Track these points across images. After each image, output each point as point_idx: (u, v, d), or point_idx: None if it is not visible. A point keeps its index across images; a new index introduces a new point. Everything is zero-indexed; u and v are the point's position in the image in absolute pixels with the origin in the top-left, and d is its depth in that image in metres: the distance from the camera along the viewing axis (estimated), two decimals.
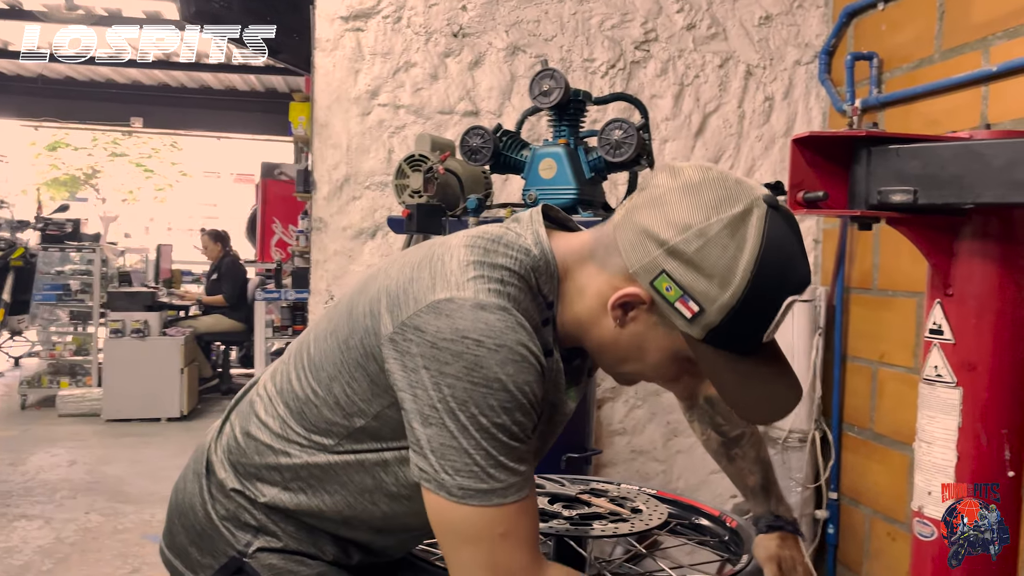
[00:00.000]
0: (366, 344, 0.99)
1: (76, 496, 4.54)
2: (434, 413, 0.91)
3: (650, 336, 0.98)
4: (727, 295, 0.90)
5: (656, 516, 1.45)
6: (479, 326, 0.91)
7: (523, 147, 2.40)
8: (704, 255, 0.90)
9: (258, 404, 1.15)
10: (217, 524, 1.14)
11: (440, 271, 0.97)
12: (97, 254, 6.98)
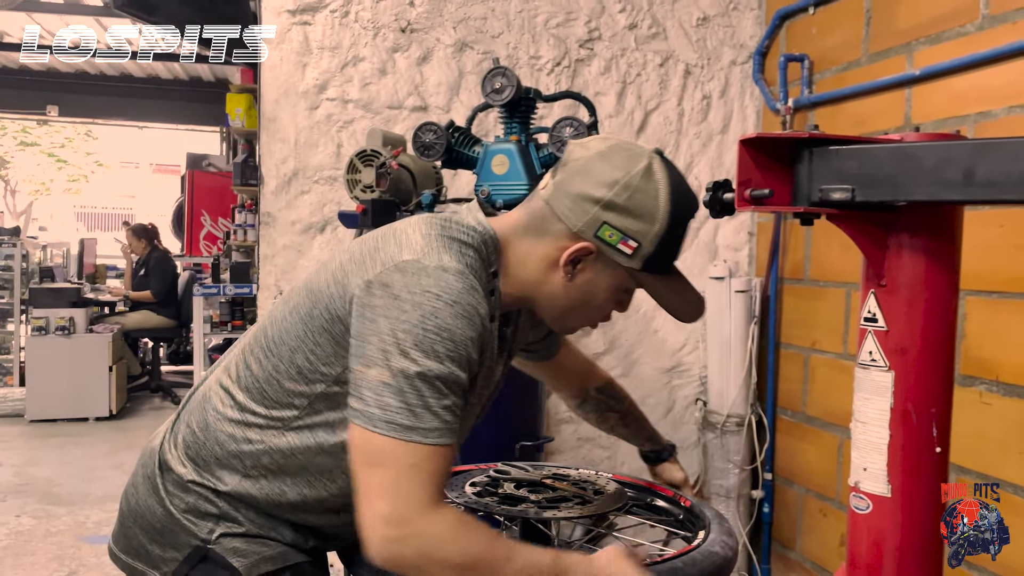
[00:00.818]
0: (331, 309, 1.09)
1: (5, 499, 4.39)
2: (381, 356, 1.01)
3: (597, 280, 1.17)
4: (656, 227, 1.14)
5: (617, 498, 1.52)
6: (440, 283, 1.03)
7: (475, 143, 2.45)
8: (633, 202, 1.13)
9: (214, 398, 1.20)
10: (178, 518, 1.18)
11: (405, 241, 1.09)
12: (18, 248, 6.71)
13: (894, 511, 1.57)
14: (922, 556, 1.57)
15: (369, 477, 1.02)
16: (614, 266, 1.16)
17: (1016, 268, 2.10)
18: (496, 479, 1.60)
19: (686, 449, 3.19)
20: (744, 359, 2.98)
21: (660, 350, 3.15)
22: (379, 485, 1.01)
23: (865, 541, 1.62)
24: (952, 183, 1.42)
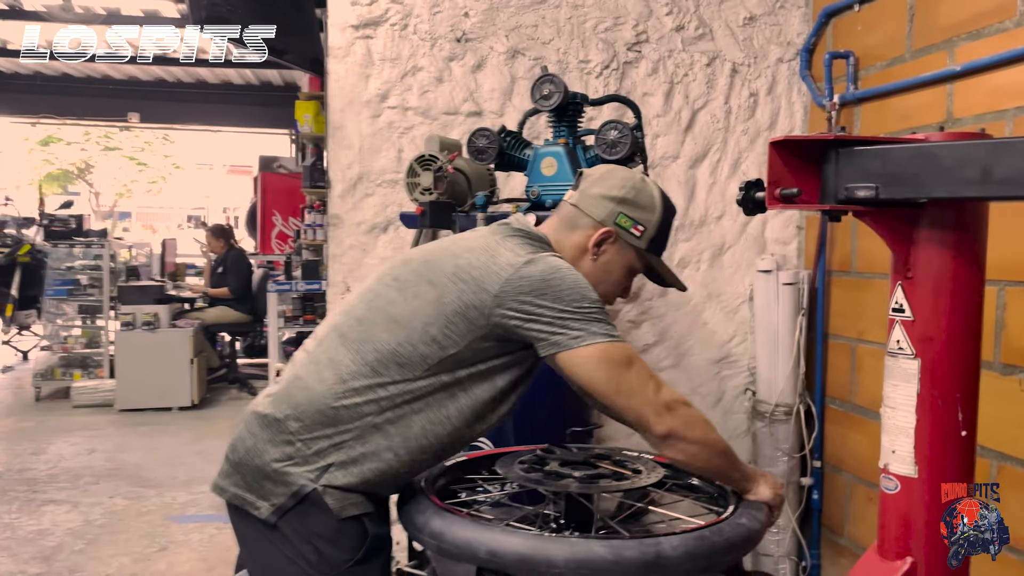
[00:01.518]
0: (465, 299, 1.44)
1: (99, 482, 4.74)
2: (564, 314, 1.40)
3: (615, 259, 1.58)
4: (656, 215, 1.58)
5: (654, 475, 1.65)
6: (556, 264, 1.45)
7: (525, 146, 2.60)
8: (640, 197, 1.57)
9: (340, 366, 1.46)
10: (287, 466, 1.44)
11: (510, 250, 1.48)
12: (106, 249, 7.15)
13: (921, 491, 1.67)
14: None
15: (628, 380, 1.41)
16: (627, 247, 1.57)
17: None
18: (543, 458, 1.75)
19: (736, 438, 3.28)
20: (792, 350, 3.06)
21: (709, 341, 3.25)
22: (639, 377, 1.42)
23: (894, 520, 1.72)
24: (970, 181, 1.52)
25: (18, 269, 8.01)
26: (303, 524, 1.43)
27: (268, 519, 1.43)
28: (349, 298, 1.60)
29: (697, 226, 3.22)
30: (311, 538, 1.43)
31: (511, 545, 1.36)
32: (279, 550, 1.44)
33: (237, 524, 1.53)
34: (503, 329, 1.44)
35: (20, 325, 8.66)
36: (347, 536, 1.44)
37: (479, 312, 1.43)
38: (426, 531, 1.46)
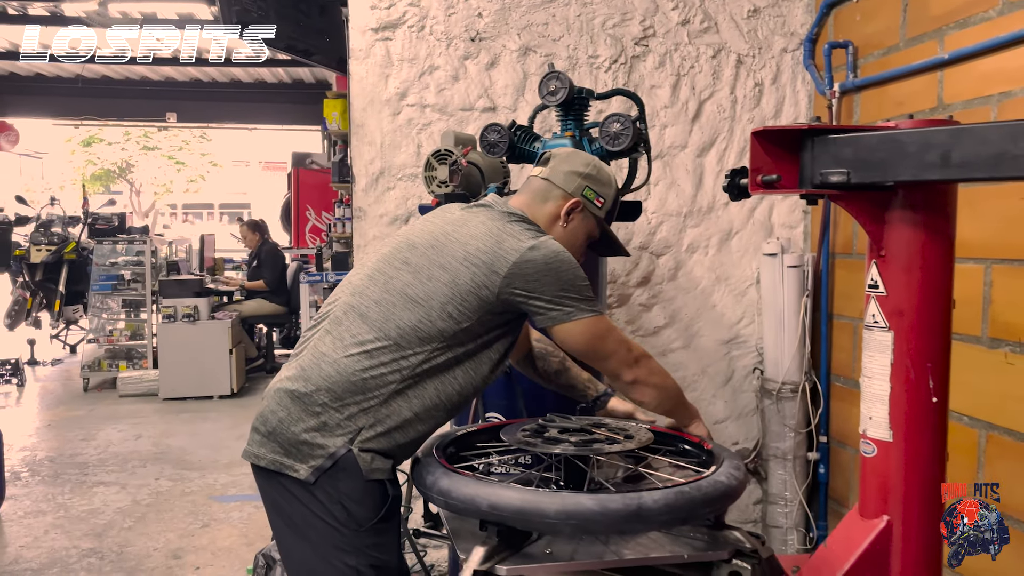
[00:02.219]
0: (477, 280, 1.65)
1: (145, 465, 5.02)
2: (560, 294, 1.66)
3: (580, 226, 1.83)
4: (613, 191, 1.86)
5: (644, 440, 1.81)
6: (555, 249, 1.68)
7: (535, 140, 2.75)
8: (600, 175, 1.85)
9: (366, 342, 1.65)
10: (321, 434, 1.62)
11: (513, 235, 1.69)
12: (148, 245, 7.45)
13: (896, 454, 1.81)
14: (922, 493, 1.79)
15: (607, 345, 1.73)
16: (590, 217, 1.83)
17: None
18: (544, 426, 1.91)
19: (745, 416, 3.41)
20: (797, 330, 3.18)
21: (719, 323, 3.38)
22: (617, 342, 1.74)
23: (872, 481, 1.86)
24: (932, 165, 1.65)
25: (65, 266, 8.37)
26: (334, 487, 1.61)
27: (307, 479, 1.60)
28: (355, 279, 1.78)
29: (705, 212, 3.35)
30: (340, 499, 1.61)
31: (508, 499, 1.52)
32: (311, 510, 1.62)
33: (267, 489, 1.71)
34: (509, 304, 1.68)
35: (67, 320, 9.03)
36: (371, 497, 1.63)
37: (490, 291, 1.66)
38: (435, 489, 1.63)
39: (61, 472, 4.90)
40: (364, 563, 1.62)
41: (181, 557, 3.67)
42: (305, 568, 1.66)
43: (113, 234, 8.09)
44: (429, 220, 1.84)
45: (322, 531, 1.62)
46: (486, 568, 1.49)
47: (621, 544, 1.60)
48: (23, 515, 4.19)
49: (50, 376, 8.13)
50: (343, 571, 1.61)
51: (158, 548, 3.77)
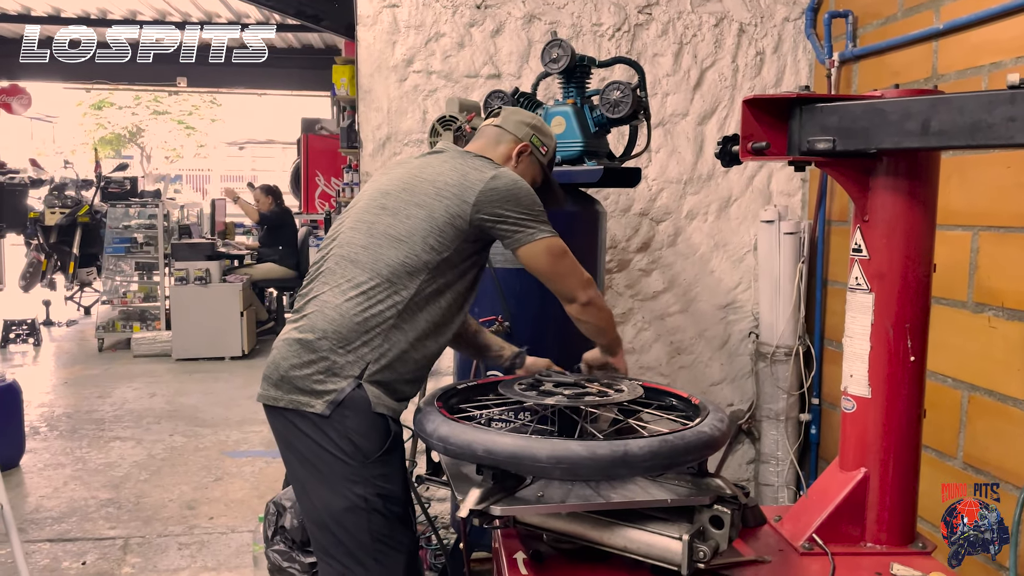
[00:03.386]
0: (451, 211, 1.82)
1: (160, 422, 5.17)
2: (522, 217, 1.84)
3: (527, 168, 2.02)
4: (554, 143, 2.11)
5: (634, 394, 1.91)
6: (514, 177, 1.88)
7: (537, 107, 2.82)
8: (544, 128, 2.09)
9: (362, 284, 1.80)
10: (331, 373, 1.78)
11: (477, 168, 1.88)
12: (160, 209, 7.56)
13: (874, 410, 1.90)
14: (898, 447, 1.89)
15: (563, 265, 1.90)
16: (536, 162, 2.05)
17: (1020, 205, 2.31)
18: (540, 380, 2.01)
19: (740, 378, 3.51)
20: (792, 295, 3.26)
21: (716, 289, 3.47)
22: (572, 264, 1.91)
23: (851, 436, 1.96)
24: (911, 133, 1.73)
25: (78, 229, 8.49)
26: (342, 423, 1.76)
27: (323, 413, 1.76)
28: (338, 234, 1.93)
29: (705, 180, 3.41)
30: (348, 433, 1.76)
31: (502, 444, 1.62)
32: (321, 445, 1.77)
33: (281, 429, 1.85)
34: (480, 231, 1.86)
35: (82, 282, 9.18)
36: (376, 431, 1.79)
37: (463, 219, 1.83)
38: (435, 436, 1.73)
39: (78, 427, 5.06)
40: (371, 492, 1.77)
41: (195, 508, 3.82)
42: (319, 500, 1.80)
43: (125, 197, 8.19)
44: (392, 169, 2.02)
45: (332, 464, 1.77)
46: (481, 508, 1.60)
47: (609, 490, 1.70)
48: (43, 467, 4.35)
49: (65, 336, 8.30)
50: (353, 500, 1.77)
51: (173, 499, 3.92)
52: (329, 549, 1.82)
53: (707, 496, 1.69)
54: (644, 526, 1.66)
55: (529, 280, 2.64)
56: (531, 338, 2.67)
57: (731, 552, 1.71)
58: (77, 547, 3.40)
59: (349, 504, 1.77)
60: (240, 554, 3.33)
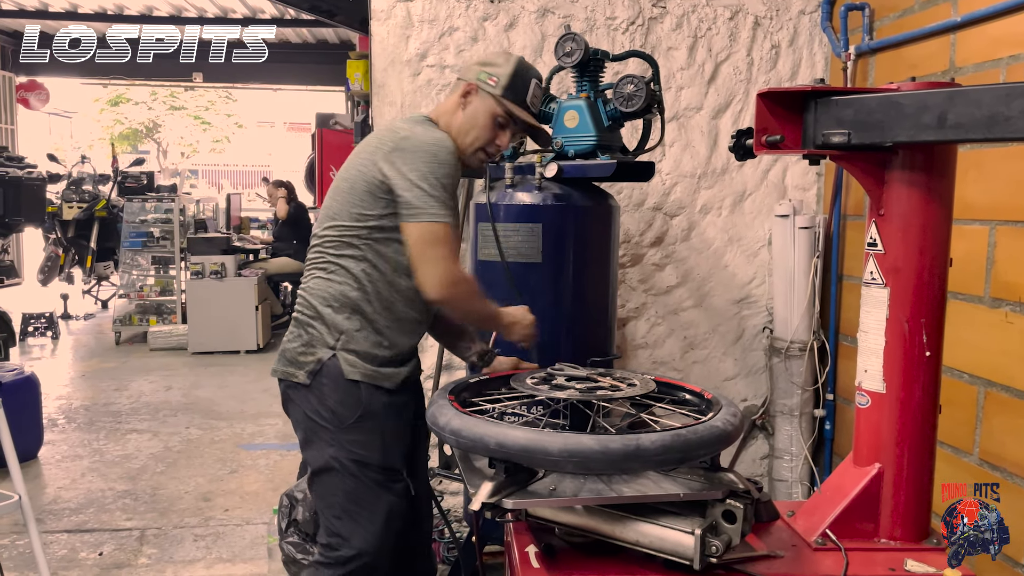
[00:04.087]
0: (367, 179, 1.86)
1: (176, 414, 5.21)
2: (417, 181, 1.82)
3: (479, 106, 1.98)
4: (507, 68, 1.98)
5: (646, 388, 1.90)
6: (426, 139, 1.86)
7: (551, 101, 2.81)
8: (495, 59, 2.01)
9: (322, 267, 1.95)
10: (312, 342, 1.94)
11: (397, 129, 1.91)
12: (176, 203, 7.61)
13: (889, 405, 1.89)
14: (913, 442, 1.88)
15: (433, 251, 1.82)
16: (487, 96, 1.97)
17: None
18: (552, 374, 2.01)
19: (754, 373, 3.50)
20: (807, 290, 3.24)
21: (730, 283, 3.45)
22: (440, 256, 1.82)
23: (865, 431, 1.95)
24: (928, 126, 1.71)
25: (96, 223, 8.56)
26: (320, 391, 1.92)
27: (305, 382, 1.92)
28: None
29: (719, 174, 3.40)
30: (325, 399, 1.92)
31: (514, 438, 1.63)
32: (305, 412, 1.95)
33: (283, 398, 2.03)
34: (387, 189, 1.86)
35: (99, 276, 9.26)
36: (351, 398, 1.92)
37: (375, 182, 1.87)
38: (448, 429, 1.74)
39: (96, 420, 5.11)
40: (345, 456, 1.92)
41: (211, 500, 3.85)
42: (310, 460, 2.00)
43: (142, 192, 8.26)
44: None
45: (315, 429, 1.95)
46: (494, 501, 1.60)
47: (621, 484, 1.70)
48: (60, 459, 4.40)
49: (83, 330, 8.38)
50: (328, 461, 1.93)
51: (189, 491, 3.95)
52: (318, 502, 2.02)
53: (720, 491, 1.69)
54: (656, 520, 1.65)
55: (542, 274, 2.67)
56: (544, 332, 2.68)
57: (743, 547, 1.70)
58: (94, 538, 3.44)
59: (326, 464, 1.94)
60: (255, 546, 3.35)
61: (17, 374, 4.21)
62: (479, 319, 2.04)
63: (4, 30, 10.63)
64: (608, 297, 2.78)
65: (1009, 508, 2.33)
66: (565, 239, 2.65)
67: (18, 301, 8.20)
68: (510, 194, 2.66)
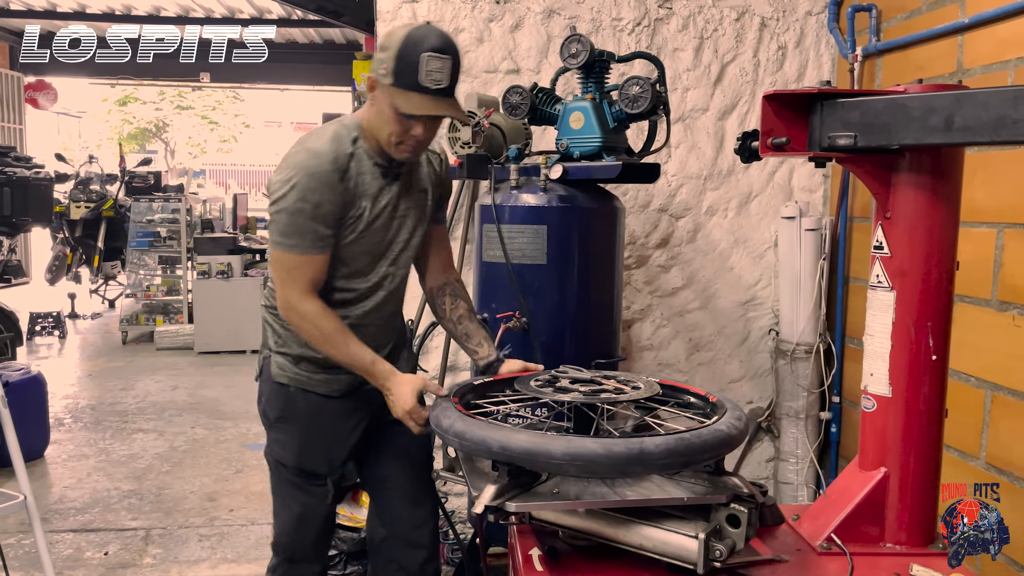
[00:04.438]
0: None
1: (182, 414, 5.23)
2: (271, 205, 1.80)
3: (382, 100, 1.78)
4: (391, 51, 1.72)
5: (651, 391, 1.89)
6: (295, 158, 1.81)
7: (556, 102, 2.81)
8: (384, 43, 1.75)
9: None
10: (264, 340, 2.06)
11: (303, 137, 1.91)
12: (183, 203, 7.63)
13: (895, 409, 1.88)
14: (919, 446, 1.87)
15: (275, 272, 1.84)
16: (384, 88, 1.77)
17: None
18: (556, 377, 2.00)
19: (760, 376, 3.48)
20: (813, 292, 3.23)
21: (736, 285, 3.44)
22: (279, 280, 1.82)
23: (871, 435, 1.94)
24: (935, 129, 1.70)
25: (103, 223, 8.59)
26: (260, 389, 2.04)
27: (256, 379, 2.06)
28: None
29: (725, 175, 3.39)
30: (262, 397, 2.04)
31: (517, 441, 1.62)
32: (259, 404, 2.07)
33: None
34: None
35: (106, 275, 9.28)
36: (277, 398, 2.00)
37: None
38: (451, 432, 1.73)
39: (102, 419, 5.13)
40: (269, 452, 2.05)
41: (216, 500, 3.85)
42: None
43: (149, 192, 8.28)
44: None
45: (263, 420, 2.07)
46: (497, 504, 1.60)
47: (625, 487, 1.70)
48: (67, 458, 4.41)
49: (90, 329, 8.40)
50: (265, 456, 2.09)
51: (194, 491, 3.96)
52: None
53: (724, 495, 1.68)
54: (660, 524, 1.65)
55: (547, 275, 2.67)
56: (549, 333, 2.68)
57: (748, 551, 1.69)
58: (100, 537, 3.45)
59: (264, 454, 2.09)
60: (259, 546, 3.36)
61: (24, 374, 4.22)
62: (340, 360, 1.89)
63: (13, 30, 10.67)
64: (613, 298, 2.77)
65: (1015, 511, 2.32)
66: (570, 241, 2.64)
67: (26, 300, 8.24)
68: (515, 195, 2.65)
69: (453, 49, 1.79)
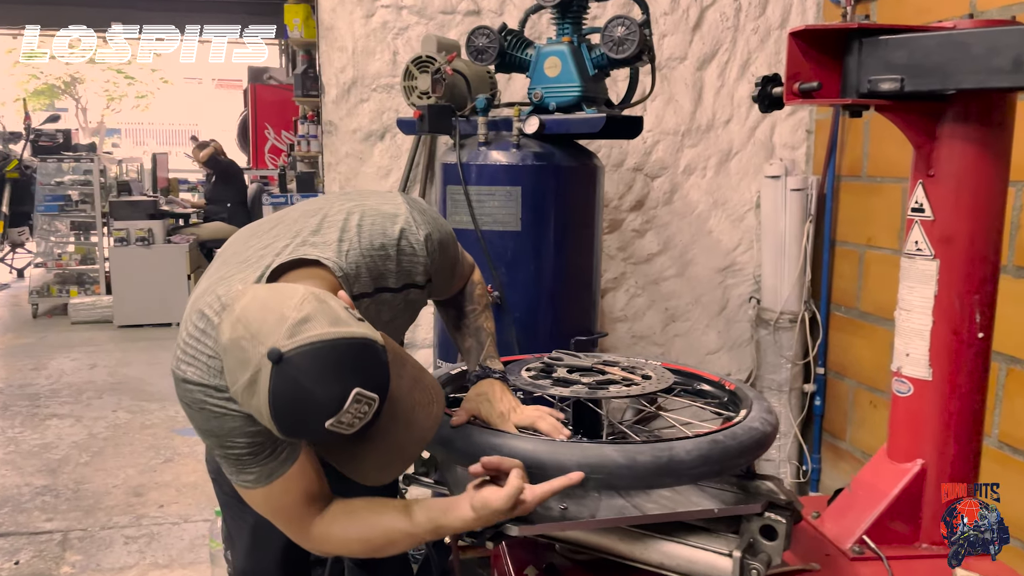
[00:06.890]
0: None
1: (102, 396, 4.78)
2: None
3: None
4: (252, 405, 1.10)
5: (663, 381, 1.62)
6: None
7: (528, 46, 2.48)
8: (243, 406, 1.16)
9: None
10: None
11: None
12: (95, 164, 7.03)
13: (936, 394, 1.65)
14: (960, 435, 1.65)
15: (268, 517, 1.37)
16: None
17: None
18: (550, 365, 1.71)
19: (739, 346, 3.27)
20: (799, 257, 3.01)
21: (714, 250, 3.20)
22: (276, 523, 1.37)
23: (905, 423, 1.71)
24: (1001, 70, 1.44)
25: (7, 185, 7.92)
26: None
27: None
28: None
29: (704, 131, 3.12)
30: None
31: (522, 451, 1.34)
32: None
33: None
34: None
35: (13, 243, 8.62)
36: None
37: None
38: (435, 439, 1.43)
39: (10, 404, 4.65)
40: (209, 459, 1.71)
41: (143, 494, 3.47)
42: None
43: (58, 151, 7.62)
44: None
45: None
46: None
47: (643, 497, 1.43)
48: None
49: None
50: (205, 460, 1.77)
51: (117, 485, 3.57)
52: None
53: (758, 503, 1.43)
54: (684, 539, 1.39)
55: (521, 243, 2.36)
56: (524, 308, 2.39)
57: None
58: (9, 543, 3.05)
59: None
60: (195, 548, 3.01)
61: None
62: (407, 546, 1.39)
63: None
64: (592, 268, 2.50)
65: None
66: (547, 204, 2.34)
67: None
68: (484, 153, 2.33)
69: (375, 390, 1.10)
